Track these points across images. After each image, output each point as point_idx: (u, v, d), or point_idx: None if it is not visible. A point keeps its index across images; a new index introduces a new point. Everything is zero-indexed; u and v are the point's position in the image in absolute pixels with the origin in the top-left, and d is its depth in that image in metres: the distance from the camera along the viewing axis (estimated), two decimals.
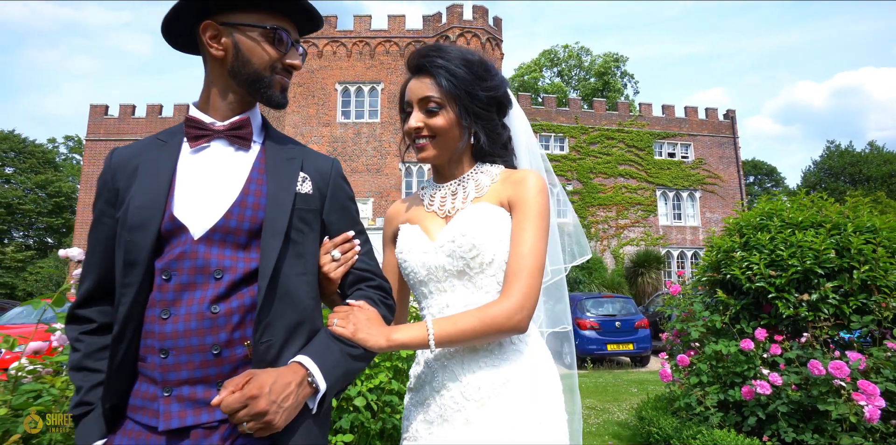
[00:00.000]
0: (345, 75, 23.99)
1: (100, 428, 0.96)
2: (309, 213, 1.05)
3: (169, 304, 0.93)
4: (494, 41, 23.77)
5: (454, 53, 1.17)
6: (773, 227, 3.44)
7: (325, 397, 0.95)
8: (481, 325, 1.00)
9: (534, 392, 1.06)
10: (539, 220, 1.10)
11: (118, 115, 25.92)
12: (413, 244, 1.18)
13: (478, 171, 1.23)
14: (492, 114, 1.20)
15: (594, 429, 4.48)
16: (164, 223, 0.96)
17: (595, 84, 42.15)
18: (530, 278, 1.04)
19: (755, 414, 3.03)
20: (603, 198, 26.40)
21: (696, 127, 28.87)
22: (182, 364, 0.92)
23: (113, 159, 1.06)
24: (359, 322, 1.01)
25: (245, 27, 1.02)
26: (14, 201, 34.05)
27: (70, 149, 45.45)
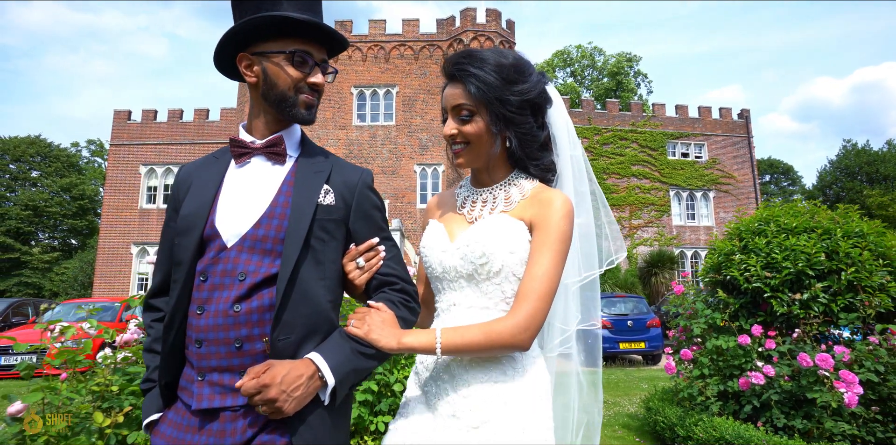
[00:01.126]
0: (360, 79, 24.40)
1: (157, 404, 1.10)
2: (330, 222, 1.12)
3: (203, 302, 1.05)
4: (507, 44, 24.02)
5: (486, 58, 1.17)
6: (770, 232, 3.73)
7: (336, 390, 1.02)
8: (486, 340, 1.04)
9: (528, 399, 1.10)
10: (558, 244, 1.11)
11: (140, 120, 26.61)
12: (435, 242, 1.23)
13: (511, 182, 1.25)
14: (525, 117, 1.19)
15: (605, 421, 4.79)
16: (205, 230, 1.09)
17: (608, 84, 42.18)
18: (539, 301, 1.06)
19: (751, 403, 3.33)
20: (616, 198, 26.52)
21: (710, 127, 28.83)
22: (212, 354, 1.03)
23: (179, 174, 1.22)
24: (373, 324, 1.06)
25: (271, 54, 1.12)
26: (41, 203, 35.09)
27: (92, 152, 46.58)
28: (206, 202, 1.10)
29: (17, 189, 35.66)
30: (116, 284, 23.91)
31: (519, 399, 1.08)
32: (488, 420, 1.06)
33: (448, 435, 1.06)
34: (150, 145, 26.16)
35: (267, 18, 1.07)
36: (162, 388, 1.09)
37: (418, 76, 24.31)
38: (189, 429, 1.02)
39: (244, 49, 1.14)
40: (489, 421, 1.05)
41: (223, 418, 1.00)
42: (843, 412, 2.98)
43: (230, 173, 1.15)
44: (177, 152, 25.72)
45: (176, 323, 1.07)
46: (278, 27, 1.10)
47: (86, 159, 45.34)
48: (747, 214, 4.23)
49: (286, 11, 1.08)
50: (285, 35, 1.11)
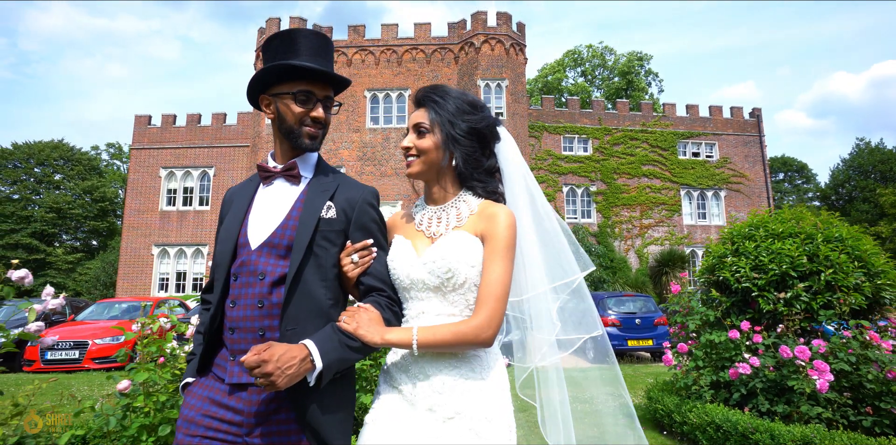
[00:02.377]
0: (373, 83, 24.85)
1: (193, 370, 1.33)
2: (332, 233, 1.31)
3: (236, 297, 1.26)
4: (518, 46, 24.35)
5: (448, 92, 1.39)
6: (759, 236, 4.10)
7: (322, 374, 1.15)
8: (454, 338, 1.20)
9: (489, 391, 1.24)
10: (506, 251, 1.27)
11: (160, 124, 27.33)
12: (402, 257, 1.34)
13: (460, 199, 1.40)
14: (471, 141, 1.37)
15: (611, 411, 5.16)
16: (239, 239, 1.32)
17: (619, 83, 42.27)
18: (496, 302, 1.22)
19: (739, 391, 3.71)
20: (627, 198, 26.71)
21: (721, 126, 28.88)
22: (242, 339, 1.24)
23: (226, 196, 1.48)
24: (361, 321, 1.22)
25: (281, 95, 1.34)
26: (64, 206, 36.10)
27: (111, 155, 47.69)
28: (239, 217, 1.34)
29: (41, 192, 36.71)
30: (138, 283, 24.63)
31: (485, 392, 1.24)
32: (461, 412, 1.20)
33: (426, 426, 1.20)
34: (169, 149, 26.85)
35: (278, 66, 1.31)
36: (200, 360, 1.31)
37: (430, 79, 24.70)
38: (219, 393, 1.24)
39: (265, 91, 1.37)
40: (461, 413, 1.20)
41: (251, 391, 1.21)
42: (819, 397, 3.35)
43: (259, 192, 1.39)
44: (195, 156, 26.38)
45: (218, 314, 1.30)
46: (287, 73, 1.32)
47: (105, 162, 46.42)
48: (759, 213, 4.58)
49: (298, 60, 1.30)
50: (293, 78, 1.33)
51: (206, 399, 1.24)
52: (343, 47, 25.01)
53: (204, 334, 1.31)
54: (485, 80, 23.43)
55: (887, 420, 3.17)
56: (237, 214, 1.35)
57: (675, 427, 4.05)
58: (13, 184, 36.12)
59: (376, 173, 24.04)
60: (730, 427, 3.46)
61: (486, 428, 1.19)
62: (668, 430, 4.18)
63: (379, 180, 23.92)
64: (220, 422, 1.21)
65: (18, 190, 35.95)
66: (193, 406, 1.24)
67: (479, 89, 23.40)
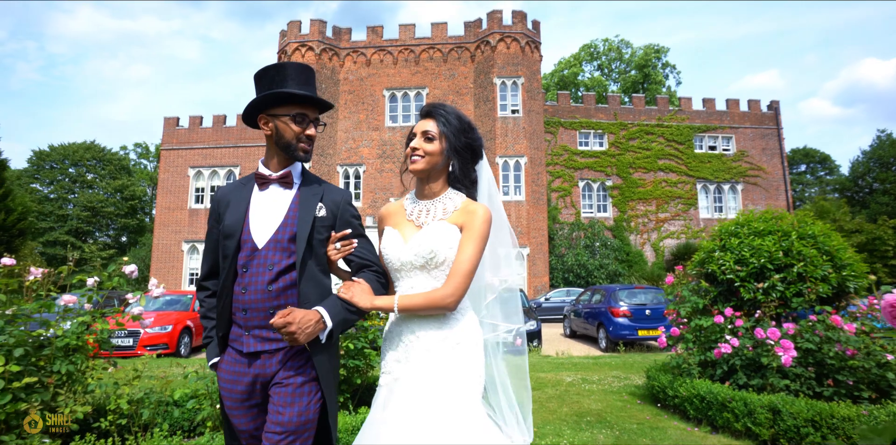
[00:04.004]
0: (391, 82, 25.42)
1: (216, 351, 1.57)
2: (324, 228, 1.57)
3: (247, 284, 1.51)
4: (533, 44, 24.70)
5: (451, 110, 1.65)
6: (743, 234, 4.64)
7: (332, 333, 1.45)
8: (425, 303, 1.48)
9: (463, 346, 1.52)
10: (478, 240, 1.53)
11: (188, 125, 28.35)
12: (393, 244, 1.60)
13: (448, 197, 1.64)
14: (466, 154, 1.64)
15: (616, 390, 5.76)
16: (243, 235, 1.54)
17: (635, 77, 42.19)
18: (462, 277, 1.48)
19: (721, 368, 4.28)
20: (643, 192, 26.97)
21: (738, 119, 28.85)
22: (254, 318, 1.49)
23: (218, 194, 1.66)
24: (355, 291, 1.50)
25: (280, 116, 1.57)
26: (97, 204, 37.61)
27: (139, 155, 49.25)
28: (241, 216, 1.56)
29: (76, 191, 38.28)
30: (170, 278, 25.72)
31: (455, 335, 1.54)
32: (432, 349, 1.50)
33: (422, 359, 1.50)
34: (196, 149, 27.87)
35: (279, 94, 1.55)
36: (219, 340, 1.57)
37: (447, 78, 25.21)
38: (241, 365, 1.51)
39: (262, 111, 1.61)
40: (432, 349, 1.50)
41: (262, 357, 1.49)
42: (788, 372, 3.91)
43: (255, 195, 1.60)
44: (221, 155, 27.35)
45: (224, 297, 1.54)
46: (285, 98, 1.57)
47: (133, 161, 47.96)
48: (777, 206, 5.09)
49: (289, 88, 1.55)
50: (289, 103, 1.57)
51: (231, 371, 1.52)
52: (362, 48, 25.63)
53: (217, 317, 1.57)
54: (501, 77, 23.84)
55: (844, 391, 3.72)
56: (237, 213, 1.57)
57: (668, 400, 4.64)
58: (50, 184, 37.76)
59: (395, 170, 24.64)
60: (712, 398, 4.04)
61: (463, 371, 1.49)
62: (661, 403, 4.77)
63: (398, 176, 24.42)
64: (247, 385, 1.50)
65: (55, 190, 37.58)
66: (227, 379, 1.53)
67: (496, 87, 23.81)
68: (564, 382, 6.25)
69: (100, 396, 3.27)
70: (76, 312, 3.26)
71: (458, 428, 1.39)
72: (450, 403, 1.43)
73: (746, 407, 3.76)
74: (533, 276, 22.37)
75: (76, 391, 3.05)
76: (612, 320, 10.72)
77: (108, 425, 3.11)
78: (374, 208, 24.14)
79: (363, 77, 25.55)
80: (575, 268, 23.70)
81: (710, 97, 29.00)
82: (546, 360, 8.58)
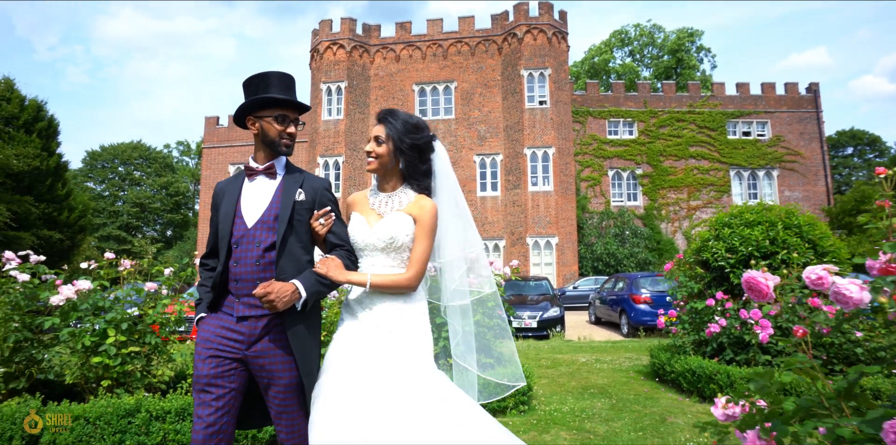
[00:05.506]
0: (420, 76, 25.88)
1: (205, 309, 1.81)
2: (304, 210, 1.81)
3: (238, 259, 1.75)
4: (560, 35, 24.73)
5: (399, 116, 1.89)
6: (735, 224, 5.07)
7: (306, 302, 1.69)
8: (393, 283, 1.76)
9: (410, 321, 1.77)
10: (429, 233, 1.83)
11: (227, 124, 29.64)
12: (359, 228, 1.86)
13: (403, 191, 1.91)
14: (413, 152, 1.87)
15: (624, 368, 6.26)
16: (236, 217, 1.80)
17: (668, 62, 41.40)
18: (420, 265, 1.79)
19: (711, 345, 4.75)
20: (674, 180, 26.76)
21: (774, 103, 28.14)
22: (244, 287, 1.73)
23: (216, 188, 1.93)
24: (330, 266, 1.73)
25: (264, 117, 1.81)
26: (145, 201, 39.77)
27: (181, 152, 51.51)
28: (234, 202, 1.82)
29: (125, 189, 40.55)
30: None
31: (413, 315, 1.79)
32: (396, 327, 1.74)
33: (374, 335, 1.74)
34: (236, 147, 29.12)
35: (265, 98, 1.80)
36: (208, 303, 1.80)
37: (475, 71, 25.54)
38: (229, 323, 1.73)
39: (249, 114, 1.85)
40: (397, 327, 1.74)
41: (250, 320, 1.72)
42: (770, 349, 4.36)
43: (245, 185, 1.86)
44: None
45: (222, 270, 1.77)
46: (269, 102, 1.81)
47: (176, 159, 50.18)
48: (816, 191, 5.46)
49: (272, 94, 1.79)
50: (273, 106, 1.81)
51: (218, 326, 1.74)
52: (391, 44, 26.19)
53: (212, 286, 1.80)
54: (528, 69, 24.05)
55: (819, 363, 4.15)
56: (231, 201, 1.83)
57: (665, 375, 5.14)
58: (102, 182, 40.11)
59: None
60: (701, 372, 4.53)
61: (412, 337, 1.75)
62: (661, 378, 5.27)
63: None
64: (228, 340, 1.72)
65: (107, 188, 39.90)
66: (209, 330, 1.75)
67: (523, 79, 24.03)
68: (578, 362, 6.79)
69: (180, 364, 4.02)
70: (157, 296, 4.00)
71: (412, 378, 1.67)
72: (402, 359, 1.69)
73: (729, 379, 4.24)
74: (562, 265, 22.73)
75: (162, 360, 3.81)
76: (633, 306, 11.12)
77: (189, 386, 3.86)
78: None
79: (393, 73, 26.12)
80: (604, 257, 23.92)
81: (743, 82, 28.35)
82: (567, 344, 9.10)
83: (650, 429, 3.64)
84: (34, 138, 18.03)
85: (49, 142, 19.46)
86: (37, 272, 3.47)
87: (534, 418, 3.95)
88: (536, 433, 3.57)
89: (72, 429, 2.84)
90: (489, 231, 24.20)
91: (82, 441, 2.86)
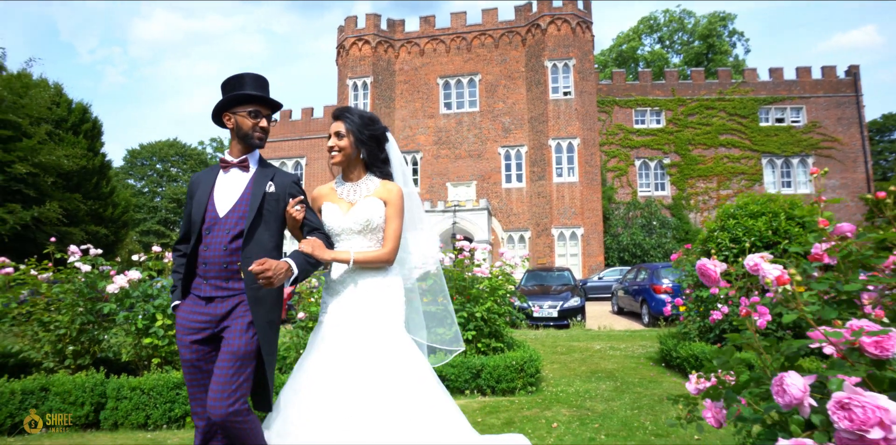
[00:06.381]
0: (444, 70, 26.08)
1: (179, 296, 1.95)
2: (273, 201, 1.94)
3: (208, 244, 1.87)
4: (584, 24, 24.53)
5: (355, 112, 2.05)
6: (740, 215, 5.23)
7: (297, 278, 1.82)
8: (374, 258, 1.94)
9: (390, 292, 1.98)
10: (399, 212, 2.02)
11: None
12: (333, 215, 2.02)
13: (368, 179, 2.08)
14: (372, 143, 2.06)
15: (636, 355, 6.49)
16: (208, 206, 1.91)
17: (699, 48, 40.39)
18: (394, 241, 1.99)
19: (714, 331, 4.95)
20: (702, 169, 26.35)
21: (810, 88, 27.30)
22: (211, 270, 1.86)
23: (192, 178, 2.03)
24: (314, 246, 1.87)
25: (239, 112, 1.93)
26: (182, 196, 41.29)
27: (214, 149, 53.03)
28: (207, 192, 1.93)
29: (163, 185, 42.19)
30: None
31: (390, 289, 1.99)
32: (375, 299, 1.95)
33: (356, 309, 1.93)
34: (280, 142, 29.85)
35: (238, 95, 1.92)
36: (182, 289, 1.93)
37: (499, 63, 25.60)
38: (199, 306, 1.87)
39: (227, 110, 1.96)
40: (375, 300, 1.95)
41: (216, 300, 1.86)
42: (770, 334, 4.55)
43: (220, 177, 1.98)
44: (289, 148, 29.30)
45: (192, 254, 1.91)
46: (243, 99, 1.93)
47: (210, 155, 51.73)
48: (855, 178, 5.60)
49: (246, 91, 1.92)
50: (247, 102, 1.93)
51: (190, 312, 1.87)
52: (416, 38, 26.45)
53: (184, 271, 1.93)
54: (552, 60, 23.98)
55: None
56: (205, 191, 1.94)
57: (672, 361, 5.37)
58: (142, 179, 41.83)
59: (451, 155, 25.49)
60: (703, 357, 4.75)
61: (389, 307, 1.97)
62: (667, 364, 5.50)
63: (454, 162, 25.35)
64: (201, 324, 1.85)
65: (147, 184, 41.59)
66: (184, 317, 1.88)
67: (547, 70, 23.98)
68: (592, 349, 7.05)
69: None
70: None
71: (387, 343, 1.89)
72: (379, 326, 1.91)
73: None
74: (587, 256, 22.77)
75: None
76: (653, 296, 11.22)
77: None
78: (431, 193, 25.23)
79: (417, 67, 26.40)
80: (630, 247, 23.83)
81: (777, 67, 27.58)
82: (585, 333, 9.34)
83: (646, 408, 3.91)
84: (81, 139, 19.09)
85: (94, 142, 20.55)
86: (95, 264, 3.95)
87: (539, 398, 4.26)
88: (539, 410, 3.88)
89: (130, 398, 3.30)
90: (514, 223, 24.37)
91: (139, 408, 3.32)
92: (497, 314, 4.86)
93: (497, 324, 4.83)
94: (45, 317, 3.71)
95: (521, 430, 3.34)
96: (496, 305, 4.84)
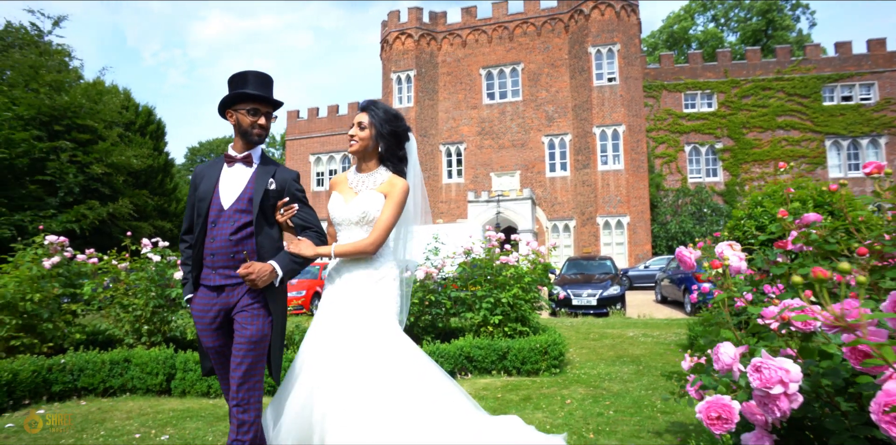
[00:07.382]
0: (487, 60, 26.05)
1: (191, 289, 2.02)
2: (274, 197, 2.01)
3: (215, 236, 1.94)
4: (630, 8, 23.81)
5: (380, 106, 2.12)
6: (768, 203, 5.25)
7: (282, 279, 1.93)
8: (354, 249, 1.99)
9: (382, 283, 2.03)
10: (396, 204, 2.04)
11: (307, 117, 31.55)
12: (336, 205, 2.10)
13: (379, 172, 2.13)
14: (391, 138, 2.11)
15: (666, 342, 6.60)
16: (213, 199, 1.98)
17: (757, 24, 38.23)
18: (382, 231, 2.00)
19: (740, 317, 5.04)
20: (758, 153, 25.23)
21: (883, 62, 25.42)
22: (219, 260, 1.93)
23: (196, 170, 2.11)
24: (301, 246, 1.97)
25: (239, 109, 2.00)
26: None
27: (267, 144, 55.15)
28: (212, 185, 2.01)
29: None
30: None
31: (382, 280, 2.04)
32: (367, 290, 2.01)
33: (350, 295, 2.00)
34: (315, 138, 30.96)
35: (238, 94, 1.99)
36: (193, 280, 2.01)
37: (542, 51, 25.34)
38: (211, 297, 1.95)
39: (229, 108, 2.04)
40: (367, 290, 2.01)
41: (226, 289, 1.94)
42: None
43: (224, 170, 2.04)
44: (337, 142, 30.19)
45: (197, 246, 1.99)
46: (244, 97, 2.00)
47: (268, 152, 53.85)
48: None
49: (247, 89, 1.99)
50: (247, 100, 2.00)
51: (204, 303, 1.95)
52: (458, 29, 26.55)
53: (192, 263, 2.00)
54: (595, 46, 23.53)
55: None
56: (210, 184, 2.00)
57: (696, 347, 5.50)
58: None
59: (494, 145, 25.56)
60: None
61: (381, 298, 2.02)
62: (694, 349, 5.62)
63: (497, 152, 25.43)
64: (215, 313, 1.94)
65: None
66: (199, 309, 1.96)
67: (591, 56, 23.56)
68: (625, 336, 7.21)
69: None
70: None
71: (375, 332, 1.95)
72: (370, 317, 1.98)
73: None
74: (633, 244, 22.44)
75: None
76: (697, 284, 11.11)
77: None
78: (475, 184, 25.47)
79: (460, 58, 26.54)
80: (679, 236, 23.31)
81: (844, 41, 25.81)
82: (623, 321, 9.43)
83: (661, 389, 4.11)
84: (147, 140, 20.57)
85: (158, 142, 22.06)
86: (163, 255, 4.53)
87: (561, 378, 4.54)
88: (557, 388, 4.16)
89: (195, 370, 3.84)
90: (558, 212, 24.29)
91: (202, 379, 3.87)
92: (523, 300, 5.15)
93: (523, 309, 5.12)
94: (124, 301, 4.32)
95: (535, 405, 3.65)
96: (522, 291, 5.12)
